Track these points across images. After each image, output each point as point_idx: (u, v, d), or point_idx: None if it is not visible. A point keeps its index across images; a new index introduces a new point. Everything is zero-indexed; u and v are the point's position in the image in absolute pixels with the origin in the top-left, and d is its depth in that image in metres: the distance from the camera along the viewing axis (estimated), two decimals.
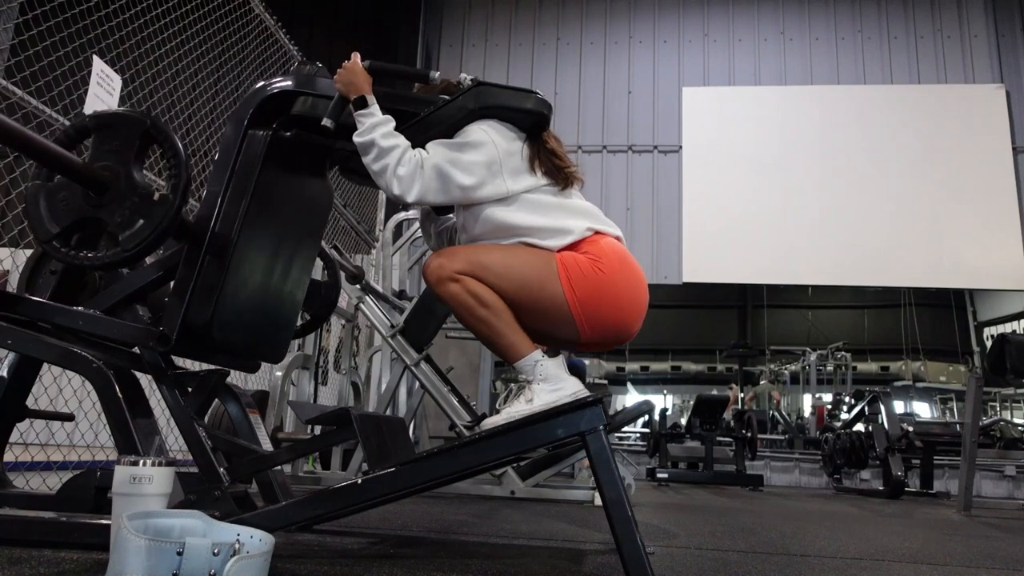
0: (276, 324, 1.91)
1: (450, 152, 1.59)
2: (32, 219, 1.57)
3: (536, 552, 1.94)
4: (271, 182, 1.74)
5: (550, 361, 1.55)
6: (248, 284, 1.73)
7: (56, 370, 1.97)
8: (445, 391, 3.62)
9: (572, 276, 1.54)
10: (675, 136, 8.91)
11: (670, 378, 17.05)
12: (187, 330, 1.62)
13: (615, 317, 1.57)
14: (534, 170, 1.62)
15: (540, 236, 1.59)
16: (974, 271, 8.37)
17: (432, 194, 1.58)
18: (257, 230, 1.72)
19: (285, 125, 1.77)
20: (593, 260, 1.56)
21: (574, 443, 1.46)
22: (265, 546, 1.17)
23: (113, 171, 1.55)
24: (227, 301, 1.65)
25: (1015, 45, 8.77)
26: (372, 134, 1.59)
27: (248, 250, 1.71)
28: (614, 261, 1.57)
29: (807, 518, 3.62)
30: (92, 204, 1.56)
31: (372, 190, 6.20)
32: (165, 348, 1.61)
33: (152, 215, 1.52)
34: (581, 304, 1.54)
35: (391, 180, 1.58)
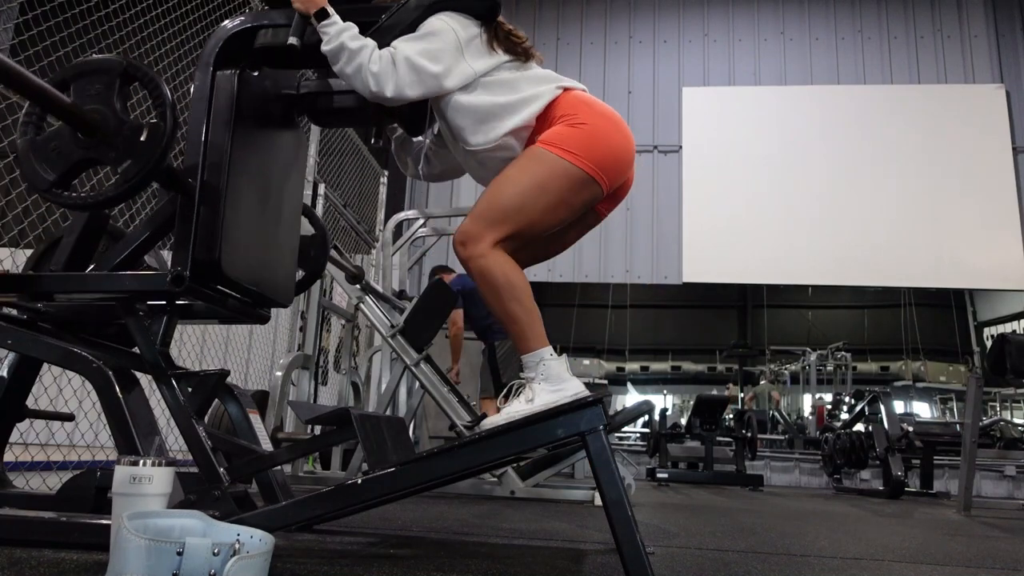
0: (278, 265, 1.92)
1: (416, 44, 1.65)
2: (27, 172, 1.58)
3: (536, 552, 1.94)
4: (247, 125, 1.75)
5: (554, 361, 1.56)
6: (246, 226, 1.74)
7: (56, 370, 1.97)
8: (445, 391, 3.62)
9: (564, 145, 1.60)
10: (675, 136, 8.91)
11: (670, 378, 17.05)
12: (198, 268, 1.62)
13: (614, 151, 1.65)
14: (494, 49, 1.71)
15: (513, 111, 1.66)
16: (974, 271, 8.37)
17: (408, 87, 1.63)
18: (243, 175, 1.73)
19: (252, 63, 1.78)
20: (568, 121, 1.63)
21: (574, 443, 1.46)
22: (265, 546, 1.17)
23: (100, 112, 1.56)
24: (230, 240, 1.66)
25: (1015, 45, 8.77)
26: (339, 39, 1.63)
27: (239, 194, 1.71)
28: (584, 109, 1.65)
29: (807, 518, 3.62)
30: (84, 146, 1.56)
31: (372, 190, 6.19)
32: (180, 288, 1.60)
33: (147, 144, 1.53)
34: (586, 159, 1.60)
35: (367, 78, 1.62)
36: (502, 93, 1.68)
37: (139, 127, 1.55)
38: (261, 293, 1.84)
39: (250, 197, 1.77)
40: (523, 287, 1.59)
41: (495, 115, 1.67)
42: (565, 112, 1.65)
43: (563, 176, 1.60)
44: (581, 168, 1.60)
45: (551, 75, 1.73)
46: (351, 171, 5.64)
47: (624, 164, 1.69)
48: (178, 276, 1.60)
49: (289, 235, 2.00)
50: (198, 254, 1.62)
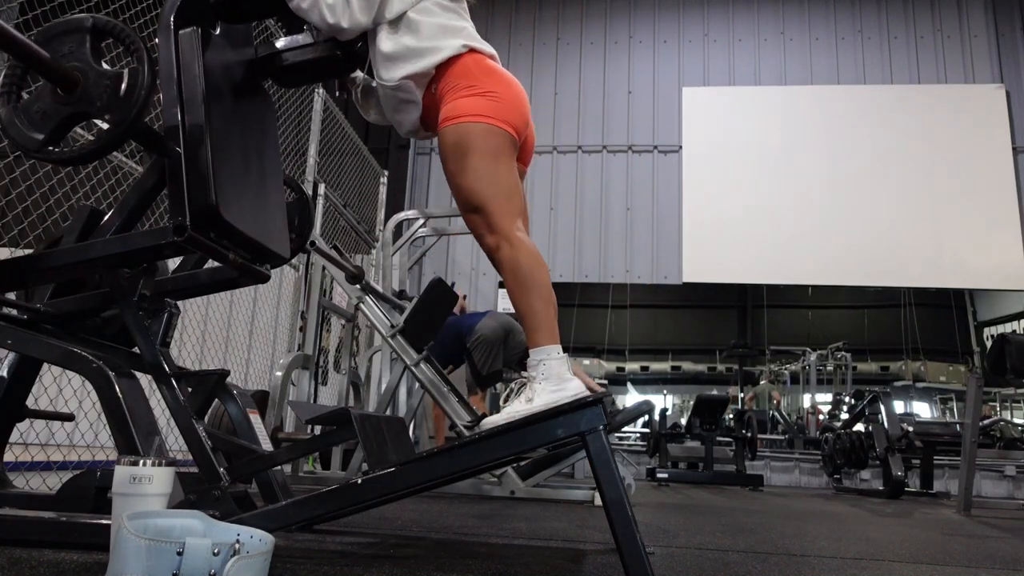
0: (271, 218, 1.92)
1: None
2: (16, 137, 1.57)
3: (536, 552, 1.94)
4: (217, 85, 1.75)
5: (555, 361, 1.56)
6: (235, 178, 1.74)
7: (56, 370, 1.97)
8: (445, 391, 3.61)
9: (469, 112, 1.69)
10: (675, 136, 8.90)
11: (670, 378, 17.04)
12: (198, 215, 1.62)
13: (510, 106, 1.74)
14: None
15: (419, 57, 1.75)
16: (974, 271, 8.37)
17: (362, 12, 1.74)
18: (224, 131, 1.73)
19: (211, 21, 1.80)
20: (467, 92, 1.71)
21: (574, 443, 1.46)
22: (265, 546, 1.17)
23: (78, 68, 1.56)
24: (222, 189, 1.66)
25: (1015, 45, 8.76)
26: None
27: (223, 149, 1.71)
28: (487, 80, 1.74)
29: (807, 518, 3.62)
30: (67, 103, 1.56)
31: (372, 190, 6.19)
32: (183, 236, 1.60)
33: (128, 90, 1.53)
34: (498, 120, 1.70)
35: (324, 11, 1.73)
36: (412, 38, 1.77)
37: (118, 75, 1.54)
38: (260, 244, 1.83)
39: (233, 154, 1.77)
40: (545, 282, 1.65)
41: (401, 56, 1.77)
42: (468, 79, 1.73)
43: (490, 134, 1.69)
44: (491, 124, 1.69)
45: (464, 29, 1.81)
46: (351, 171, 5.64)
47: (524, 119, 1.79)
48: (180, 225, 1.60)
49: (275, 192, 1.99)
50: (195, 203, 1.62)
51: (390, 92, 1.82)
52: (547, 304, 1.63)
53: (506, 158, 1.72)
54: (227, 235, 1.72)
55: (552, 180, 8.75)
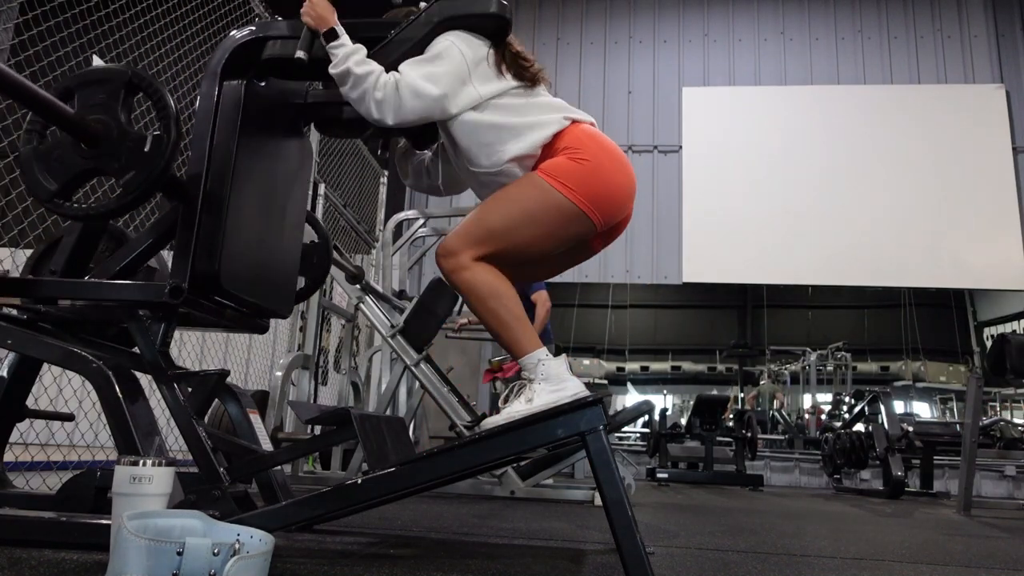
0: (279, 276, 1.93)
1: (422, 67, 1.64)
2: (30, 181, 1.58)
3: (536, 552, 1.94)
4: (253, 135, 1.75)
5: (553, 361, 1.56)
6: (247, 236, 1.74)
7: (56, 370, 1.97)
8: (445, 391, 3.62)
9: (563, 178, 1.59)
10: (675, 136, 8.90)
11: (670, 378, 17.05)
12: (197, 279, 1.63)
13: (613, 191, 1.64)
14: (502, 73, 1.69)
15: (520, 134, 1.65)
16: (974, 271, 8.36)
17: (411, 112, 1.63)
18: (247, 184, 1.73)
19: (258, 74, 1.79)
20: (572, 155, 1.61)
21: (574, 443, 1.46)
22: (265, 546, 1.17)
23: (104, 122, 1.56)
24: (230, 251, 1.66)
25: (1015, 45, 8.76)
26: (347, 63, 1.63)
27: (242, 204, 1.71)
28: (589, 144, 1.63)
29: (807, 518, 3.62)
30: (87, 157, 1.57)
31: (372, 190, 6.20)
32: (178, 300, 1.61)
33: (151, 155, 1.53)
34: (582, 195, 1.59)
35: (371, 105, 1.63)
36: (509, 117, 1.66)
37: (142, 138, 1.55)
38: (260, 304, 1.84)
39: (253, 207, 1.77)
40: (509, 294, 1.59)
41: (500, 139, 1.65)
42: (570, 144, 1.63)
43: (555, 208, 1.59)
44: (575, 203, 1.59)
45: (560, 104, 1.71)
46: (351, 171, 5.64)
47: (621, 204, 1.67)
48: (176, 288, 1.61)
49: (292, 244, 2.00)
50: (198, 266, 1.62)
51: (490, 178, 1.70)
52: (516, 315, 1.58)
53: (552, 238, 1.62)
54: (225, 298, 1.73)
55: None
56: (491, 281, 1.58)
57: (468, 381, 7.84)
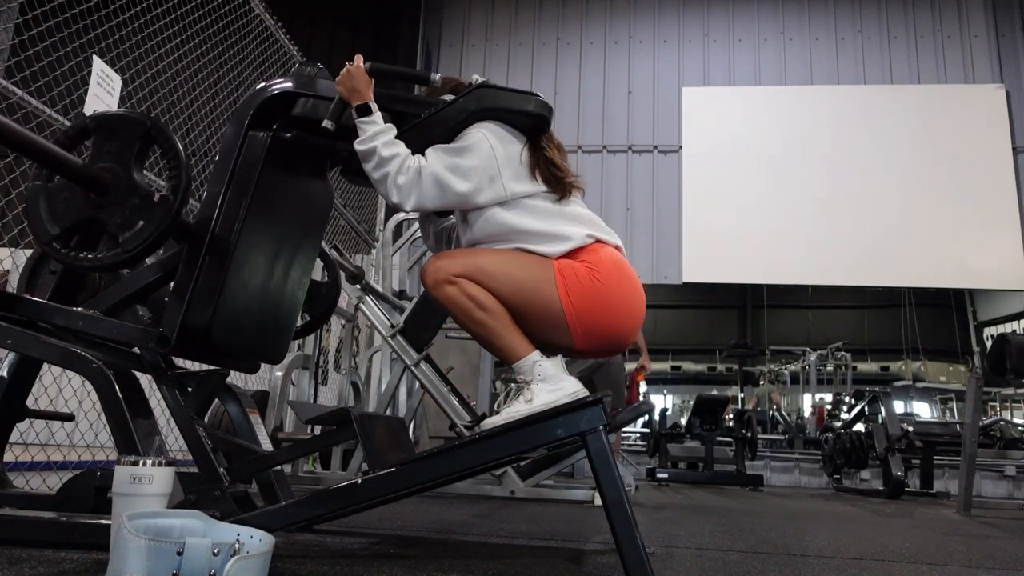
0: (276, 326, 1.91)
1: (448, 158, 1.59)
2: (32, 220, 1.58)
3: (536, 552, 1.94)
4: (272, 183, 1.74)
5: (549, 361, 1.55)
6: (249, 286, 1.73)
7: (56, 370, 1.97)
8: (445, 391, 3.61)
9: (569, 284, 1.54)
10: (675, 136, 8.90)
11: (670, 378, 17.05)
12: (186, 332, 1.62)
13: (610, 327, 1.58)
14: (534, 176, 1.62)
15: (539, 241, 1.59)
16: (974, 271, 8.37)
17: (430, 201, 1.60)
18: (257, 231, 1.72)
19: (285, 126, 1.77)
20: (590, 269, 1.55)
21: (574, 443, 1.46)
22: (265, 546, 1.17)
23: (113, 172, 1.55)
24: (227, 303, 1.65)
25: (1015, 45, 8.76)
26: (374, 142, 1.60)
27: (249, 251, 1.70)
28: (612, 271, 1.57)
29: (807, 518, 3.62)
30: (92, 205, 1.56)
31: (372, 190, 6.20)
32: (164, 349, 1.61)
33: (152, 216, 1.52)
34: (577, 312, 1.54)
35: (391, 189, 1.60)
36: (533, 222, 1.60)
37: (149, 196, 1.53)
38: (251, 354, 1.83)
39: (261, 254, 1.76)
40: (491, 303, 1.54)
41: (521, 237, 1.60)
42: (590, 259, 1.57)
43: (546, 305, 1.54)
44: (564, 313, 1.53)
45: (589, 218, 1.65)
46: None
47: (612, 342, 1.61)
48: (163, 338, 1.61)
49: (297, 288, 1.97)
50: (190, 318, 1.61)
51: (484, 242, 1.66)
52: (504, 322, 1.54)
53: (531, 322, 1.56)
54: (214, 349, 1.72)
55: None
56: (475, 293, 1.54)
57: (468, 381, 7.83)
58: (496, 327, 1.55)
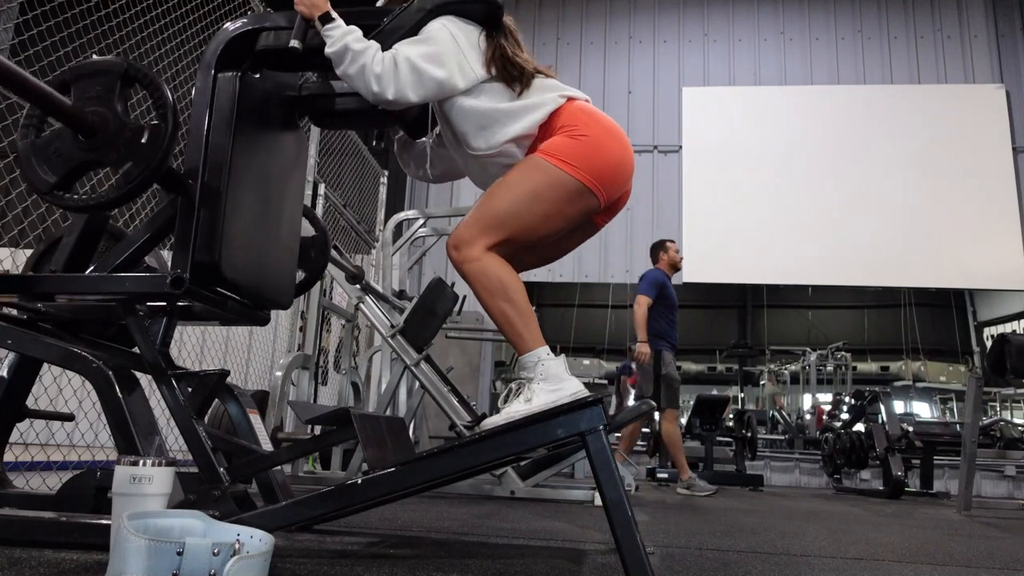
0: (278, 267, 1.92)
1: (418, 47, 1.65)
2: (28, 175, 1.58)
3: (536, 552, 1.94)
4: (248, 128, 1.75)
5: (553, 361, 1.56)
6: (246, 228, 1.74)
7: (56, 370, 1.97)
8: (445, 391, 3.61)
9: (564, 156, 1.61)
10: (675, 136, 8.91)
11: None
12: (198, 269, 1.62)
13: (614, 164, 1.66)
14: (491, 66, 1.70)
15: (516, 117, 1.66)
16: (974, 271, 8.37)
17: (411, 89, 1.63)
18: (244, 177, 1.73)
19: (253, 65, 1.79)
20: (570, 133, 1.63)
21: (574, 443, 1.46)
22: (265, 546, 1.17)
23: (100, 113, 1.56)
24: (230, 242, 1.66)
25: (1015, 45, 8.76)
26: (343, 41, 1.64)
27: (239, 197, 1.71)
28: (588, 122, 1.65)
29: (807, 518, 3.62)
30: (85, 149, 1.56)
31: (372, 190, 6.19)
32: (180, 290, 1.60)
33: (149, 145, 1.53)
34: (585, 171, 1.61)
35: (369, 80, 1.62)
36: (503, 101, 1.68)
37: (140, 129, 1.55)
38: (261, 295, 1.84)
39: (251, 199, 1.77)
40: (517, 288, 1.60)
41: (497, 121, 1.67)
42: (567, 123, 1.65)
43: (560, 187, 1.60)
44: (578, 180, 1.60)
45: (555, 84, 1.73)
46: (351, 171, 5.64)
47: (623, 177, 1.69)
48: (178, 278, 1.60)
49: (290, 237, 2.00)
50: (198, 256, 1.62)
51: (489, 160, 1.71)
52: (522, 310, 1.59)
53: (559, 217, 1.63)
54: (227, 288, 1.72)
55: None
56: (500, 274, 1.58)
57: (468, 381, 7.84)
58: (512, 313, 1.58)
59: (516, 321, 1.58)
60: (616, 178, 1.67)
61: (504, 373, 10.27)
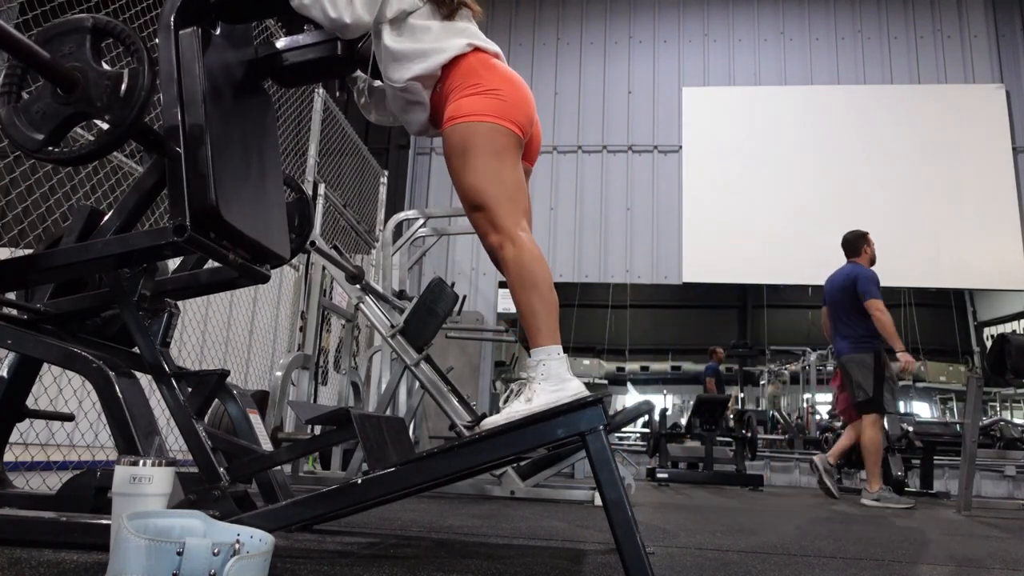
0: (271, 218, 1.93)
1: None
2: (16, 137, 1.57)
3: (536, 552, 1.94)
4: (217, 84, 1.76)
5: (555, 360, 1.56)
6: (235, 179, 1.75)
7: (56, 370, 1.97)
8: (445, 391, 3.61)
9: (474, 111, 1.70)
10: (675, 136, 8.90)
11: (670, 378, 17.02)
12: (197, 216, 1.62)
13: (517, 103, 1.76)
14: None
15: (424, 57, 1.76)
16: (974, 271, 8.37)
17: (363, 8, 1.74)
18: (223, 132, 1.73)
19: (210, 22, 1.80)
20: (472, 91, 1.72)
21: (574, 443, 1.46)
22: (265, 546, 1.17)
23: (78, 68, 1.56)
24: (223, 189, 1.67)
25: (1015, 45, 8.76)
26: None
27: (223, 149, 1.71)
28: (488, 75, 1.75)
29: (807, 518, 3.62)
30: (67, 103, 1.56)
31: (372, 190, 6.20)
32: (183, 237, 1.60)
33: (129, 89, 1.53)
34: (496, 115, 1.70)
35: (326, 6, 1.74)
36: (416, 40, 1.78)
37: (118, 75, 1.54)
38: (260, 244, 1.83)
39: (233, 154, 1.78)
40: (547, 282, 1.65)
41: (407, 57, 1.77)
42: (467, 78, 1.73)
43: (495, 133, 1.69)
44: (494, 123, 1.69)
45: (470, 31, 1.83)
46: (351, 171, 5.64)
47: (527, 114, 1.78)
48: (180, 226, 1.60)
49: (275, 192, 2.00)
50: (195, 203, 1.62)
51: (398, 93, 1.83)
52: (548, 305, 1.63)
53: (511, 157, 1.72)
54: (227, 235, 1.72)
55: (552, 180, 8.75)
56: (534, 268, 1.64)
57: (468, 381, 7.84)
58: (538, 307, 1.62)
59: (540, 315, 1.62)
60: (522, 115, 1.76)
61: (504, 373, 10.27)
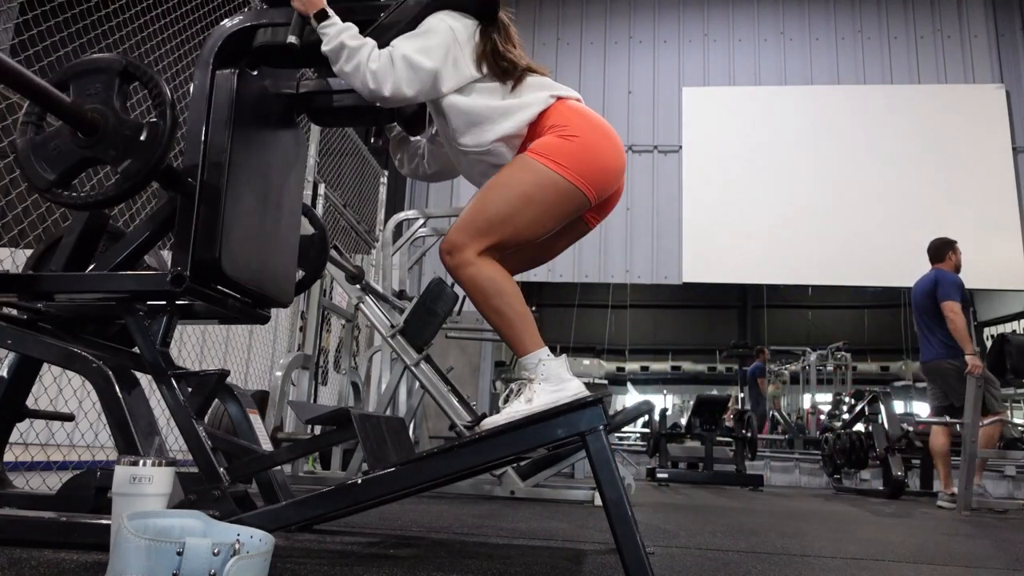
0: (278, 265, 1.93)
1: (414, 42, 1.65)
2: (28, 172, 1.58)
3: (536, 552, 1.94)
4: (247, 125, 1.75)
5: (554, 361, 1.56)
6: (246, 226, 1.75)
7: (56, 370, 1.97)
8: (445, 391, 3.61)
9: (554, 156, 1.60)
10: (675, 136, 8.90)
11: (670, 378, 17.03)
12: (198, 268, 1.63)
13: (604, 164, 1.66)
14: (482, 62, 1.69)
15: (506, 115, 1.66)
16: (974, 271, 8.32)
17: (407, 84, 1.63)
18: (243, 175, 1.74)
19: (250, 63, 1.79)
20: (560, 133, 1.63)
21: (574, 443, 1.46)
22: (265, 546, 1.17)
23: (99, 111, 1.56)
24: (230, 240, 1.66)
25: (1015, 45, 8.76)
26: (340, 38, 1.64)
27: (239, 194, 1.71)
28: (579, 121, 1.65)
29: (807, 518, 3.62)
30: (84, 146, 1.56)
31: (372, 190, 6.19)
32: (180, 288, 1.60)
33: (147, 142, 1.53)
34: (575, 171, 1.60)
35: (366, 76, 1.62)
36: (496, 97, 1.68)
37: (139, 126, 1.55)
38: (261, 293, 1.84)
39: (250, 196, 1.77)
40: (513, 291, 1.59)
41: (487, 119, 1.66)
42: (557, 122, 1.64)
43: (550, 187, 1.59)
44: (569, 180, 1.60)
45: (546, 82, 1.72)
46: (351, 171, 5.64)
47: (613, 176, 1.68)
48: (178, 276, 1.60)
49: (289, 234, 2.01)
50: (198, 254, 1.62)
51: (477, 158, 1.71)
52: (520, 313, 1.59)
53: (551, 217, 1.63)
54: (227, 286, 1.72)
55: None
56: (495, 278, 1.58)
57: (468, 381, 7.85)
58: (510, 316, 1.58)
59: (515, 324, 1.58)
60: (607, 177, 1.66)
61: (504, 373, 10.26)
